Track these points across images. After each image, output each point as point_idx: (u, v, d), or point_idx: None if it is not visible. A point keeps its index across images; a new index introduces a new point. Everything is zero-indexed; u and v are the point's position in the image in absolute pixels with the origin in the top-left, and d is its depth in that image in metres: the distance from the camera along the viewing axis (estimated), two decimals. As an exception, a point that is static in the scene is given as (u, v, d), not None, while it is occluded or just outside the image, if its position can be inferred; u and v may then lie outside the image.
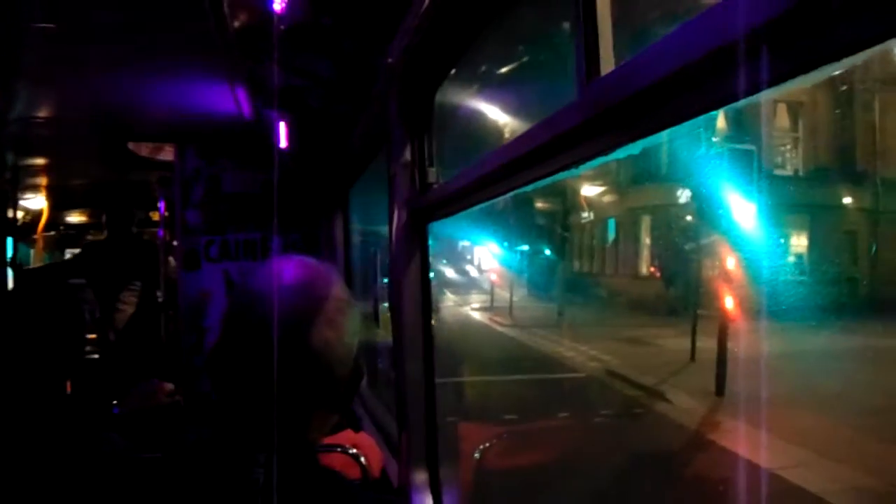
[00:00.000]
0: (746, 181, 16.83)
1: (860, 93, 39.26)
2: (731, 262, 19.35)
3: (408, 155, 3.58)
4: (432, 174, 3.55)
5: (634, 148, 1.71)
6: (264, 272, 1.92)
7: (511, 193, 2.54)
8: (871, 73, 38.36)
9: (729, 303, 17.39)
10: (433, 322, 3.74)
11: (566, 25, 1.91)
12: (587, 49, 1.81)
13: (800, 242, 39.08)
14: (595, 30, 1.80)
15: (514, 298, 40.82)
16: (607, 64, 1.78)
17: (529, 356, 22.11)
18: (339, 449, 3.87)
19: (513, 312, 37.19)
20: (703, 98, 1.39)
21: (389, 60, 3.48)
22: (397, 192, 3.61)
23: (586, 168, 1.98)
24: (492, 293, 43.70)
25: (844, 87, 38.92)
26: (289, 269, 1.88)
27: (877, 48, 1.06)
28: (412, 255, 3.57)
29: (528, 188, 2.40)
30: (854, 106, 39.40)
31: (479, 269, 37.51)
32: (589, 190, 46.86)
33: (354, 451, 3.92)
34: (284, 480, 1.70)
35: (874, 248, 39.61)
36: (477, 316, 39.07)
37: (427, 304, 3.65)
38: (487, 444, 4.75)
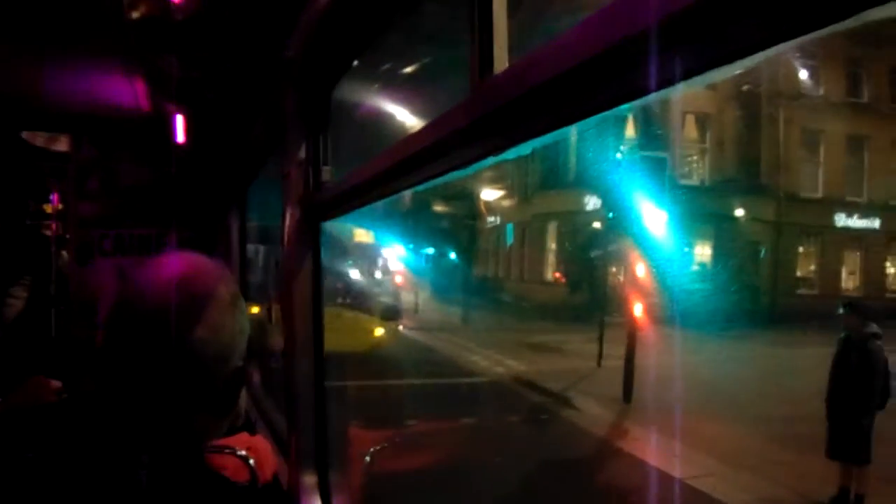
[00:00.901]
0: (657, 189, 16.99)
1: (766, 107, 40.00)
2: (638, 270, 19.52)
3: (303, 152, 3.52)
4: (326, 172, 3.50)
5: (525, 148, 1.68)
6: (148, 268, 1.85)
7: (417, 195, 2.50)
8: (777, 87, 39.12)
9: (636, 310, 17.49)
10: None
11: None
12: (481, 47, 1.77)
13: (704, 252, 39.71)
14: (490, 27, 1.76)
15: (419, 301, 40.78)
16: (501, 62, 1.74)
17: (433, 360, 22.06)
18: (227, 451, 3.78)
19: (417, 315, 37.12)
20: (596, 98, 1.36)
21: (287, 55, 3.41)
22: (291, 190, 3.54)
23: (494, 172, 1.96)
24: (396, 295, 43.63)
25: (751, 101, 39.64)
26: (172, 265, 1.82)
27: (775, 49, 1.03)
28: (304, 254, 3.50)
29: (422, 188, 2.35)
30: (760, 120, 40.14)
31: (385, 271, 37.31)
32: (496, 194, 47.06)
33: (244, 453, 3.83)
34: (169, 482, 1.64)
35: (776, 259, 40.42)
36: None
37: (318, 303, 3.59)
38: (379, 447, 4.68)
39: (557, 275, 42.81)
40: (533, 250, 46.36)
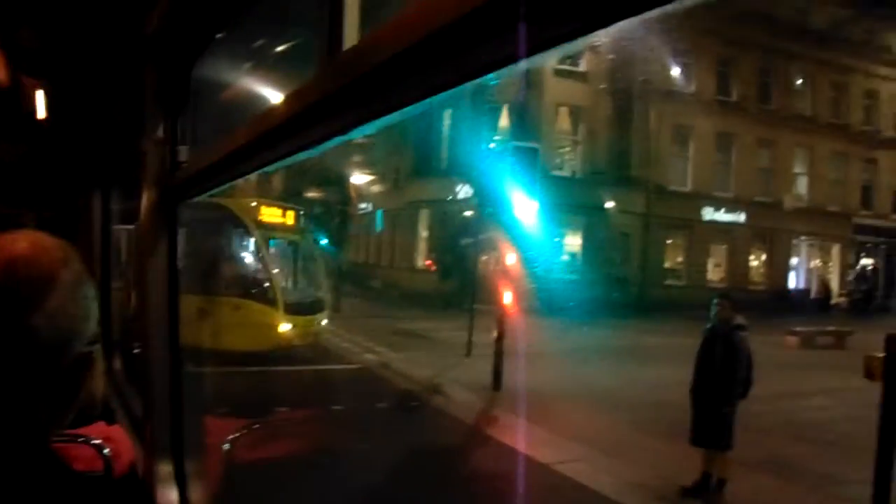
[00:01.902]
0: (529, 179, 17.06)
1: (639, 102, 40.67)
2: (509, 258, 19.62)
3: (160, 132, 3.41)
4: (184, 152, 3.40)
5: (371, 127, 1.63)
6: None
7: (289, 181, 2.42)
8: (649, 83, 39.80)
9: (506, 298, 17.56)
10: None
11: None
12: (331, 21, 1.71)
13: (574, 242, 40.26)
14: (340, 2, 1.70)
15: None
16: (352, 38, 1.68)
17: (300, 345, 21.90)
18: (80, 440, 3.64)
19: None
20: (444, 72, 1.31)
21: (147, 31, 3.30)
22: (148, 170, 3.43)
23: (367, 157, 1.90)
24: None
25: (624, 96, 40.23)
26: (6, 246, 1.71)
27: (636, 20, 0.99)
28: (160, 236, 3.40)
29: (273, 168, 2.28)
30: (632, 114, 40.80)
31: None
32: (369, 181, 46.93)
33: (98, 442, 3.70)
34: (5, 474, 1.55)
35: (645, 251, 41.13)
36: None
37: (174, 287, 3.48)
38: (238, 434, 4.59)
39: (429, 262, 42.84)
40: (404, 237, 46.36)
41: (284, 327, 20.35)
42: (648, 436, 13.49)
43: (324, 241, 45.36)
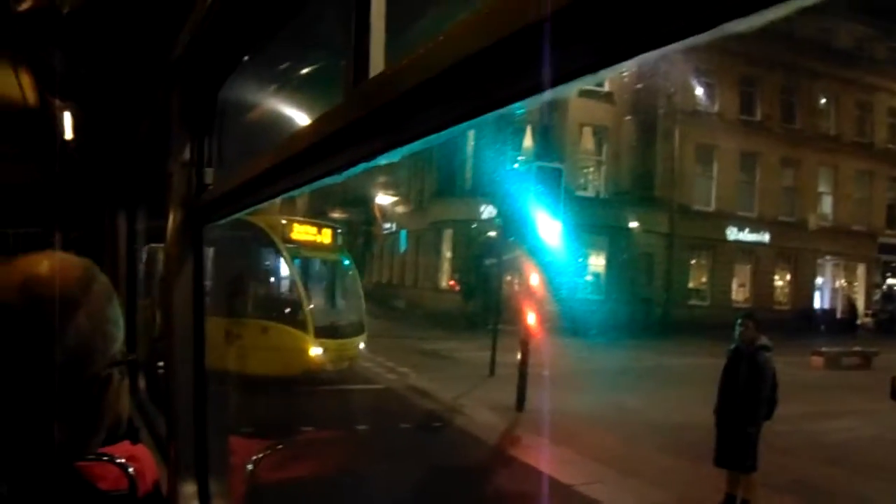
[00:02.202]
0: (552, 199, 17.05)
1: (663, 122, 40.64)
2: (532, 279, 19.58)
3: (186, 154, 3.45)
4: (210, 175, 3.42)
5: (396, 154, 1.65)
6: (12, 268, 1.76)
7: (314, 202, 2.45)
8: (673, 103, 39.79)
9: (530, 318, 17.52)
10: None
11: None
12: (357, 49, 1.74)
13: (599, 262, 40.12)
14: (367, 28, 1.73)
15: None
16: (377, 66, 1.71)
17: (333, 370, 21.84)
18: (105, 459, 3.67)
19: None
20: (468, 103, 1.33)
21: (173, 54, 3.34)
22: (174, 192, 3.46)
23: (392, 178, 1.92)
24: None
25: (648, 116, 40.21)
26: (24, 265, 1.73)
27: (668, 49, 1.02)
28: (187, 257, 3.42)
29: (298, 192, 2.31)
30: (656, 134, 40.76)
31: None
32: (392, 201, 47.05)
33: (122, 461, 3.72)
34: (31, 493, 1.56)
35: (669, 271, 41.00)
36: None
37: (200, 308, 3.51)
38: (263, 455, 4.59)
39: (452, 283, 42.83)
40: (428, 258, 46.34)
41: (315, 351, 19.27)
42: (672, 457, 13.41)
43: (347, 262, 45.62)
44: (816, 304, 47.84)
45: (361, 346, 21.53)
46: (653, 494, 11.55)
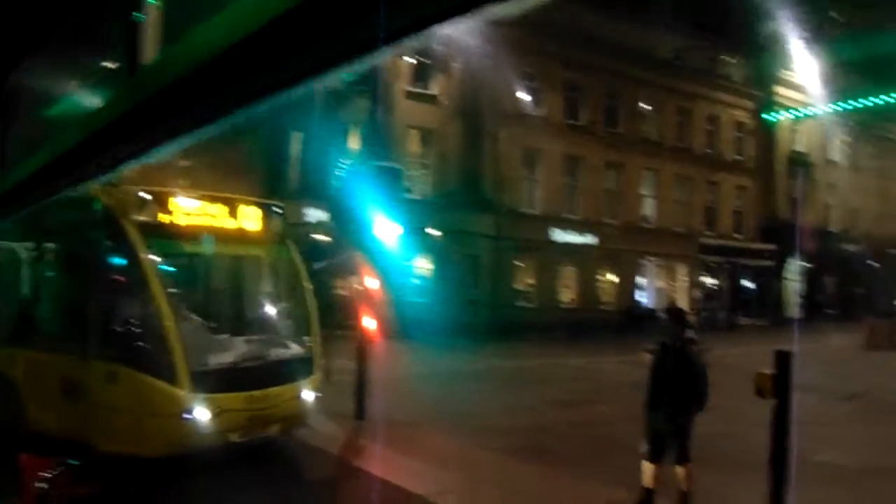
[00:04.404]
0: (389, 200, 16.74)
1: (488, 125, 40.93)
2: (366, 282, 19.17)
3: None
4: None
5: (172, 147, 1.24)
6: None
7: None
8: (499, 107, 40.22)
9: (367, 323, 17.04)
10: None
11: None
12: (128, 39, 1.34)
13: (426, 265, 40.03)
14: (140, 14, 1.33)
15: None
16: (152, 54, 1.31)
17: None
18: None
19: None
20: (257, 81, 0.93)
21: None
22: None
23: (192, 182, 1.48)
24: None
25: (474, 119, 40.45)
26: None
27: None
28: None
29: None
30: (482, 137, 41.00)
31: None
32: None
33: None
34: None
35: (496, 273, 41.27)
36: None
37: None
38: (58, 472, 4.10)
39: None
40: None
41: (191, 415, 11.21)
42: (522, 462, 13.22)
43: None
44: (640, 304, 48.87)
45: (308, 396, 13.35)
46: (502, 501, 11.25)
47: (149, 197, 11.84)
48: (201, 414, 11.23)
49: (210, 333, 12.91)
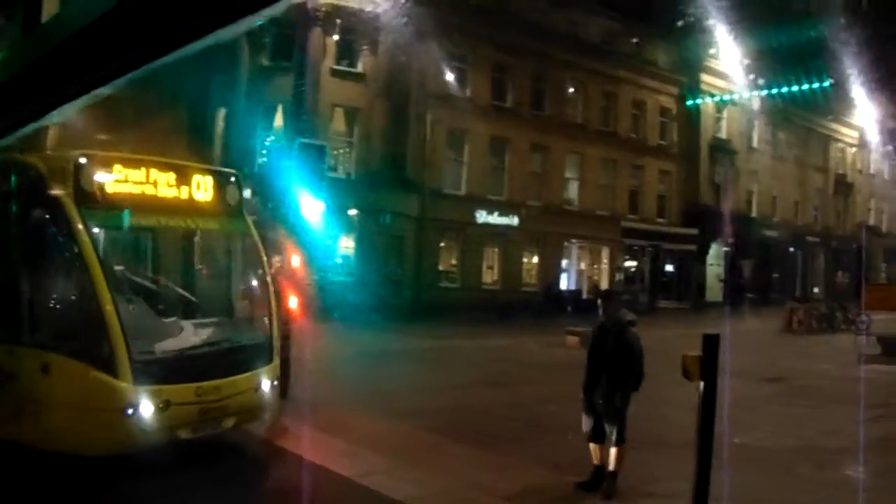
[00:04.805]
0: (315, 177, 16.54)
1: (414, 104, 40.78)
2: (293, 260, 18.89)
3: None
4: None
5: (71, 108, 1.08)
6: None
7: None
8: (426, 87, 40.03)
9: (290, 301, 16.75)
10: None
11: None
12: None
13: (349, 245, 39.85)
14: None
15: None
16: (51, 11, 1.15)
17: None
18: None
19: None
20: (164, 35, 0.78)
21: None
22: None
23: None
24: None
25: (400, 99, 40.30)
26: None
27: None
28: None
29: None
30: (408, 117, 40.85)
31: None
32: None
33: None
34: None
35: (419, 254, 41.23)
36: None
37: None
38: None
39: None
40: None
41: (134, 410, 10.16)
42: (451, 442, 13.07)
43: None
44: (563, 286, 49.15)
45: (266, 386, 12.15)
46: (438, 481, 11.09)
47: (86, 161, 10.58)
48: (146, 408, 10.17)
49: (156, 317, 11.84)
